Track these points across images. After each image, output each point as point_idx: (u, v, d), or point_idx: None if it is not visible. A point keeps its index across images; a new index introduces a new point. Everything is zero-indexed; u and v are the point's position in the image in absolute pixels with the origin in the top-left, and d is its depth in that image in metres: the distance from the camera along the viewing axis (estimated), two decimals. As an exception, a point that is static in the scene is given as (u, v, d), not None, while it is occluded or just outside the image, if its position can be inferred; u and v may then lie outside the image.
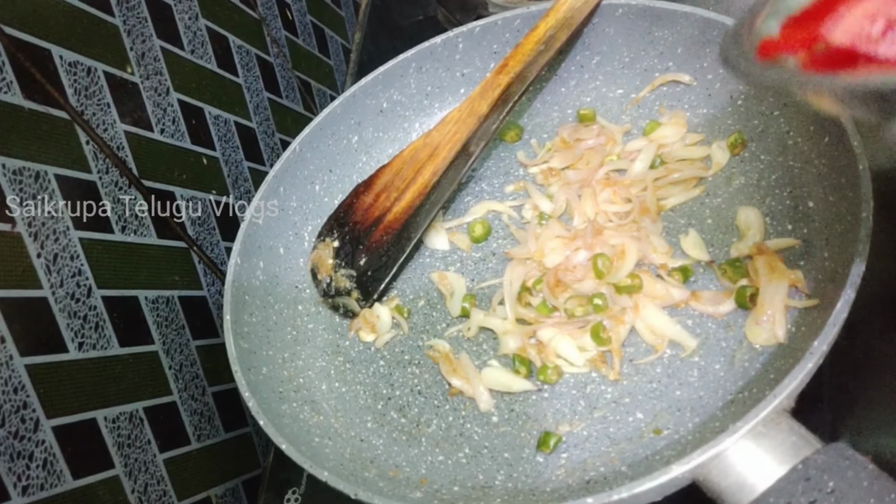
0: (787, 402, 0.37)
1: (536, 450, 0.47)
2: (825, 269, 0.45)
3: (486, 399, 0.50)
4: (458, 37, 0.66)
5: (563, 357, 0.50)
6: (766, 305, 0.45)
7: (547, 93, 0.67)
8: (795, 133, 0.51)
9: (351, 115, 0.67)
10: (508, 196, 0.62)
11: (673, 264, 0.51)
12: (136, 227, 0.57)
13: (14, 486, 0.42)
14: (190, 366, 0.61)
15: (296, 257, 0.64)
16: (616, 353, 0.49)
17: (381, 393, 0.55)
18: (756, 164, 0.53)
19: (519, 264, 0.55)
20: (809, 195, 0.49)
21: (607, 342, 0.49)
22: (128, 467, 0.51)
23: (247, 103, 0.77)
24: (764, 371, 0.44)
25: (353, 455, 0.50)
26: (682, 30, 0.58)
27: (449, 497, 0.46)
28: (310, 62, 0.94)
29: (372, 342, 0.58)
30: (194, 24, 0.69)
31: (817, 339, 0.38)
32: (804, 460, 0.35)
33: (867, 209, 0.41)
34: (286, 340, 0.59)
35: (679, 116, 0.59)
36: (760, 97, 0.54)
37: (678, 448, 0.43)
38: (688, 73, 0.59)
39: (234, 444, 0.65)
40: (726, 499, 0.37)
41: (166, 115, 0.63)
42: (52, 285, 0.48)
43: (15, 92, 0.48)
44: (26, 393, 0.44)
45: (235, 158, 0.73)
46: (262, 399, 0.50)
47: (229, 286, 0.56)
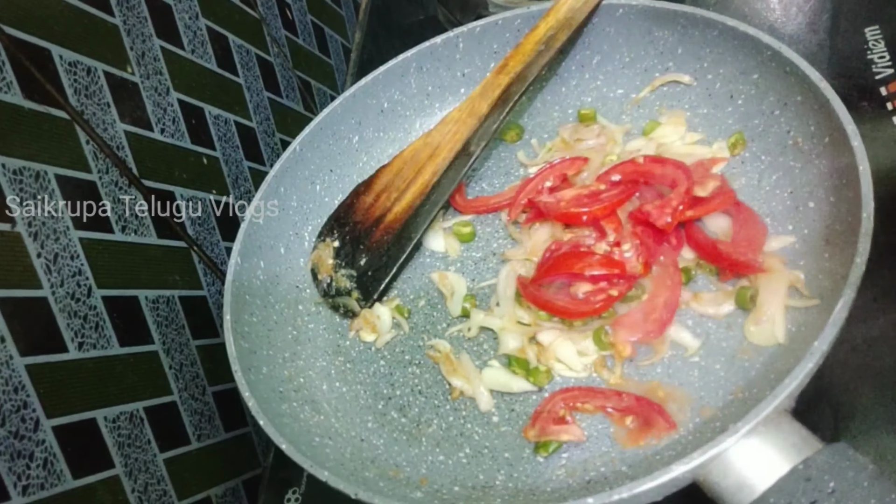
0: (787, 403, 0.37)
1: (535, 452, 0.47)
2: (825, 269, 0.45)
3: (486, 399, 0.50)
4: (458, 37, 0.66)
5: (562, 361, 0.50)
6: (765, 306, 0.45)
7: (547, 92, 0.67)
8: (796, 133, 0.51)
9: (351, 114, 0.67)
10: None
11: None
12: (136, 226, 0.57)
13: (14, 486, 0.42)
14: (190, 365, 0.61)
15: (296, 257, 0.64)
16: (619, 357, 0.49)
17: (381, 393, 0.55)
18: (757, 165, 0.53)
19: (514, 265, 0.56)
20: (810, 195, 0.49)
21: (609, 347, 0.49)
22: (128, 467, 0.51)
23: (247, 103, 0.77)
24: (764, 371, 0.44)
25: (354, 455, 0.50)
26: (682, 30, 0.58)
27: (449, 497, 0.46)
28: (310, 62, 0.94)
29: (372, 342, 0.58)
30: (194, 24, 0.69)
31: (818, 339, 0.38)
32: (805, 460, 0.35)
33: (867, 209, 0.41)
34: (286, 340, 0.59)
35: (678, 116, 0.59)
36: (761, 97, 0.54)
37: (678, 448, 0.43)
38: (688, 73, 0.59)
39: (235, 444, 0.65)
40: (727, 499, 0.37)
41: (166, 115, 0.63)
42: (52, 285, 0.48)
43: (15, 92, 0.48)
44: (26, 393, 0.44)
45: (235, 158, 0.73)
46: (263, 399, 0.50)
47: (229, 286, 0.56)
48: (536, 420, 0.47)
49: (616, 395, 0.46)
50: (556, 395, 0.48)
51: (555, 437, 0.46)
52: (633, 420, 0.45)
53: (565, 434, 0.46)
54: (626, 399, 0.46)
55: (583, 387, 0.48)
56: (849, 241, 0.41)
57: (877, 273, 0.40)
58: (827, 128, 0.47)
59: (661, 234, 0.51)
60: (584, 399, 0.47)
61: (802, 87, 0.49)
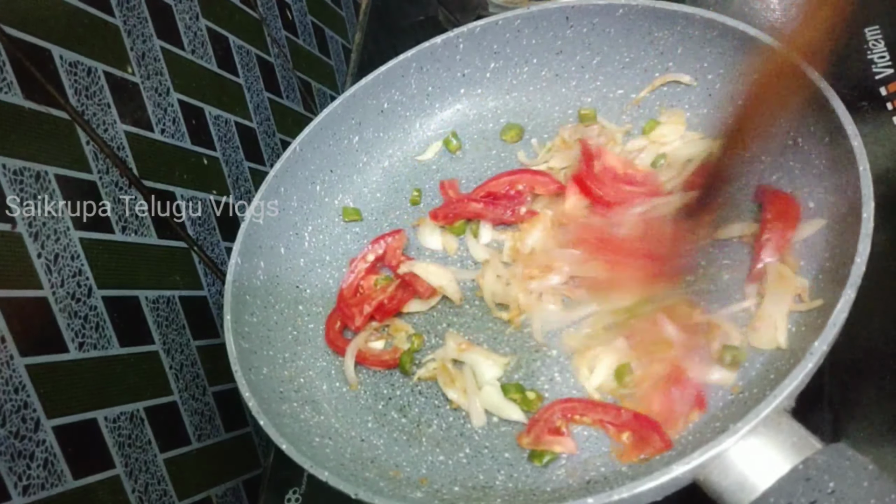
0: (787, 403, 0.37)
1: (530, 461, 0.47)
2: (825, 269, 0.45)
3: (479, 415, 0.50)
4: (458, 37, 0.66)
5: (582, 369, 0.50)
6: (769, 310, 0.45)
7: (547, 92, 0.67)
8: (796, 133, 0.51)
9: (351, 115, 0.67)
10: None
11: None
12: (137, 227, 0.57)
13: (15, 486, 0.42)
14: (190, 366, 0.61)
15: (296, 257, 0.64)
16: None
17: (381, 393, 0.55)
18: (757, 165, 0.53)
19: (490, 268, 0.56)
20: (810, 195, 0.49)
21: (628, 386, 0.48)
22: (128, 467, 0.51)
23: (247, 103, 0.77)
24: (764, 371, 0.44)
25: (354, 455, 0.50)
26: (682, 30, 0.58)
27: (449, 497, 0.46)
28: (310, 62, 0.94)
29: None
30: (195, 25, 0.69)
31: (818, 339, 0.38)
32: (805, 460, 0.35)
33: (867, 209, 0.41)
34: (287, 340, 0.59)
35: (678, 115, 0.59)
36: (761, 97, 0.54)
37: (678, 448, 0.43)
38: (688, 73, 0.59)
39: (235, 444, 0.65)
40: (727, 499, 0.37)
41: (167, 116, 0.63)
42: (52, 285, 0.48)
43: (15, 92, 0.48)
44: (27, 393, 0.44)
45: (236, 158, 0.73)
46: (263, 399, 0.50)
47: (230, 286, 0.56)
48: (532, 428, 0.47)
49: (615, 409, 0.46)
50: (555, 404, 0.48)
51: (548, 447, 0.46)
52: (629, 436, 0.45)
53: (559, 446, 0.46)
54: (624, 415, 0.46)
55: (582, 399, 0.48)
56: (849, 241, 0.41)
57: (877, 273, 0.40)
58: (827, 128, 0.47)
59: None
60: (582, 412, 0.47)
61: (802, 88, 0.49)
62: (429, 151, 0.69)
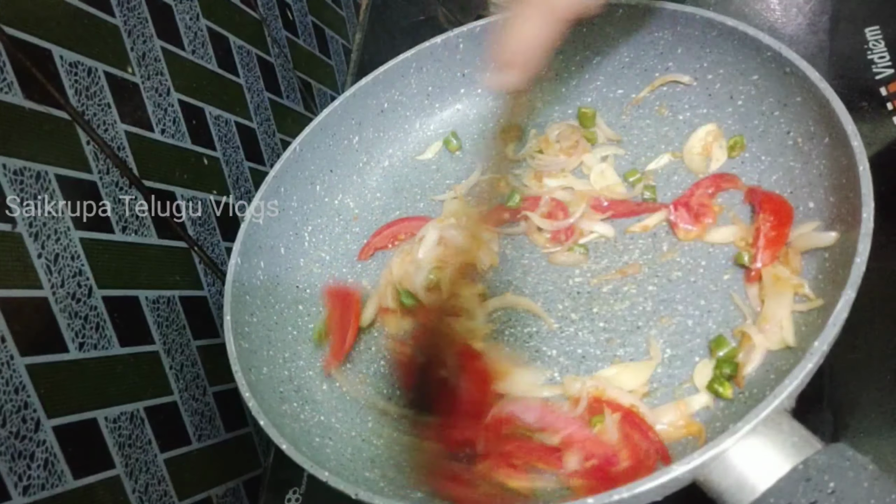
0: (787, 403, 0.37)
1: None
2: (825, 269, 0.45)
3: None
4: (458, 37, 0.66)
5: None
6: (772, 311, 0.45)
7: (547, 92, 0.67)
8: (796, 133, 0.51)
9: (351, 115, 0.67)
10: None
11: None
12: (137, 227, 0.57)
13: (15, 486, 0.42)
14: (191, 366, 0.61)
15: (296, 257, 0.64)
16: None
17: (381, 393, 0.55)
18: (757, 165, 0.53)
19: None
20: (810, 196, 0.49)
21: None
22: (128, 467, 0.51)
23: (247, 103, 0.77)
24: (764, 371, 0.44)
25: (354, 455, 0.50)
26: (682, 30, 0.58)
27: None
28: (310, 62, 0.94)
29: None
30: (195, 25, 0.69)
31: (818, 339, 0.38)
32: (805, 461, 0.35)
33: (867, 209, 0.41)
34: (287, 340, 0.59)
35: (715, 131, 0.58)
36: (761, 97, 0.54)
37: (679, 448, 0.43)
38: (688, 73, 0.59)
39: (235, 444, 0.65)
40: (727, 499, 0.37)
41: (167, 116, 0.63)
42: (52, 285, 0.48)
43: (15, 92, 0.48)
44: (27, 393, 0.44)
45: (236, 158, 0.73)
46: (263, 399, 0.50)
47: (230, 286, 0.56)
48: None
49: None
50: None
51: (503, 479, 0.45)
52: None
53: (514, 481, 0.44)
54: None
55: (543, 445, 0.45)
56: (849, 240, 0.41)
57: (877, 273, 0.40)
58: (827, 128, 0.47)
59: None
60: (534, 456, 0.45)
61: (802, 88, 0.49)
62: (429, 151, 0.69)
